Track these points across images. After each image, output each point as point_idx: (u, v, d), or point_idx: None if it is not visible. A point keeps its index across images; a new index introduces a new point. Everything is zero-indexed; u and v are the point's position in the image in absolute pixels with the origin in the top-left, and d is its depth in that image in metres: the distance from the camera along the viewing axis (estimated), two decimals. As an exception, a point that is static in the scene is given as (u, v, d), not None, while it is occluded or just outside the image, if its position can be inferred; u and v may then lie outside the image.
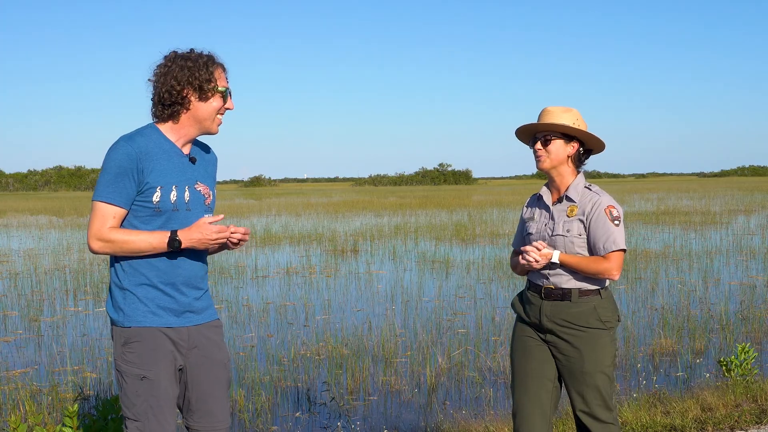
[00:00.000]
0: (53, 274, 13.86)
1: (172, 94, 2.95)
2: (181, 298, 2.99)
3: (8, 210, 39.96)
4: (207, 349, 3.06)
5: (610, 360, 3.39)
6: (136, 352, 2.92)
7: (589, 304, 3.36)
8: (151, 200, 2.92)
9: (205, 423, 3.09)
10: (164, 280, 2.95)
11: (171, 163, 2.97)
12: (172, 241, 2.90)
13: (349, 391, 6.43)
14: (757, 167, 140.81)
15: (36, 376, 6.90)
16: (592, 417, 3.38)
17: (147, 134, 2.97)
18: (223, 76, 3.05)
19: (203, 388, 3.07)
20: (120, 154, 2.89)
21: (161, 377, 2.93)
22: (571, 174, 3.46)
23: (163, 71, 2.97)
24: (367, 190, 75.95)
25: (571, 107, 3.44)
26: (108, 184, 2.90)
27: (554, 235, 3.39)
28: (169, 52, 3.02)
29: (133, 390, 2.92)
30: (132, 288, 2.94)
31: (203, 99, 2.98)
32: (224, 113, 3.08)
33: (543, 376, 3.44)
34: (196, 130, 3.04)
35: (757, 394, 5.59)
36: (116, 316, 2.96)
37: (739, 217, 26.17)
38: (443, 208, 35.79)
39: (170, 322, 2.96)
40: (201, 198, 3.05)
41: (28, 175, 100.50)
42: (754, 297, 10.21)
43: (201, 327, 3.05)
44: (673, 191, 54.86)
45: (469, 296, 10.81)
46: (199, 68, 2.96)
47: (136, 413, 2.93)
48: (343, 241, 19.19)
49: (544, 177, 3.62)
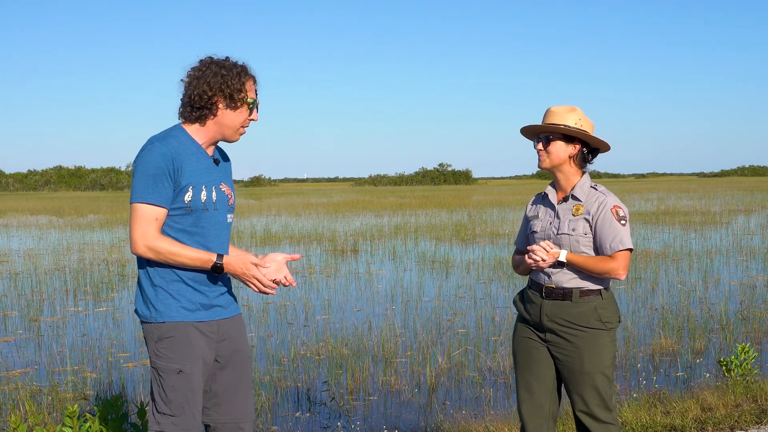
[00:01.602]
0: (53, 274, 13.86)
1: (203, 99, 3.01)
2: (210, 293, 3.07)
3: (8, 210, 39.94)
4: (235, 341, 3.16)
5: (610, 361, 3.39)
6: (171, 347, 2.99)
7: (589, 304, 3.36)
8: (183, 199, 2.98)
9: (233, 415, 3.15)
10: (194, 278, 3.03)
11: (200, 164, 3.05)
12: (216, 266, 2.99)
13: (349, 391, 6.43)
14: (757, 167, 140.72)
15: (36, 376, 6.90)
16: (591, 417, 3.38)
17: (176, 135, 3.03)
18: (253, 88, 3.11)
19: (233, 381, 3.15)
20: (156, 156, 2.93)
21: (195, 371, 3.01)
22: (576, 174, 3.46)
23: (197, 74, 3.03)
24: (367, 190, 75.93)
25: (575, 106, 3.45)
26: (147, 185, 2.93)
27: (559, 234, 3.40)
28: (205, 57, 3.08)
29: (170, 384, 2.99)
30: (164, 285, 3.00)
31: (231, 108, 3.05)
32: (248, 125, 3.14)
33: (545, 377, 3.47)
34: (220, 135, 3.10)
35: (757, 394, 5.59)
36: (148, 312, 3.02)
37: (739, 217, 26.16)
38: (443, 208, 35.78)
39: (201, 317, 3.04)
40: (225, 198, 3.14)
41: (28, 175, 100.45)
42: (754, 297, 10.21)
43: (228, 320, 3.15)
44: (673, 191, 54.83)
45: (469, 296, 10.81)
46: (232, 77, 3.02)
47: (173, 408, 2.99)
48: (343, 241, 19.19)
49: (543, 177, 3.65)
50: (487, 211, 31.41)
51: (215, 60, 3.06)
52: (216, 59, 3.07)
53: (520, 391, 3.54)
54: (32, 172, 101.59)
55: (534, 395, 3.49)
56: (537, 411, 3.49)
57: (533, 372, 3.48)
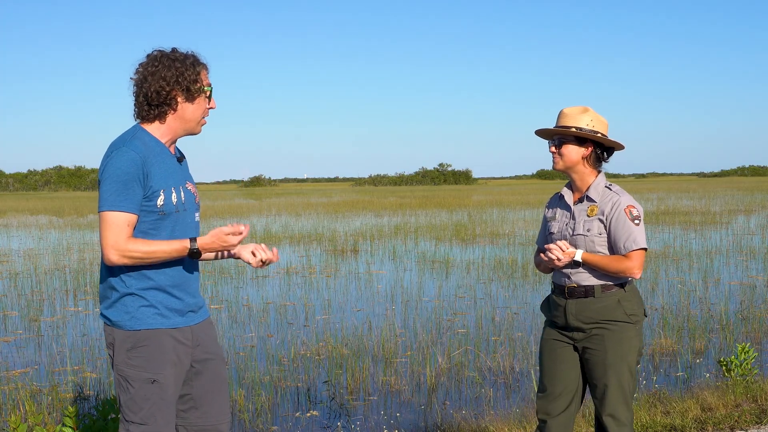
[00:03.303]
0: (53, 274, 13.86)
1: (161, 95, 2.91)
2: (187, 298, 3.02)
3: (8, 210, 39.96)
4: (208, 345, 3.11)
5: (635, 355, 3.43)
6: (143, 356, 2.90)
7: (612, 298, 3.40)
8: (156, 204, 2.89)
9: (211, 418, 3.11)
10: (172, 283, 2.96)
11: (166, 165, 2.95)
12: (193, 251, 2.91)
13: (349, 391, 6.43)
14: (757, 167, 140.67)
15: (36, 376, 6.90)
16: (612, 418, 3.41)
17: (141, 137, 2.92)
18: (206, 76, 3.03)
19: (208, 385, 3.10)
20: (125, 161, 2.83)
21: (169, 380, 2.94)
22: (591, 174, 3.50)
23: (149, 70, 2.92)
24: (367, 190, 75.95)
25: (587, 107, 3.48)
26: (117, 192, 2.82)
27: (575, 235, 3.45)
28: (153, 51, 2.97)
29: (142, 394, 2.90)
30: (140, 292, 2.91)
31: (190, 100, 2.97)
32: (208, 114, 3.07)
33: (568, 377, 3.50)
34: (182, 131, 3.02)
35: (757, 394, 5.59)
36: (120, 319, 2.92)
37: (739, 217, 26.17)
38: (443, 208, 35.79)
39: (177, 323, 2.97)
40: (192, 197, 3.06)
41: (28, 175, 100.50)
42: (754, 297, 10.21)
43: (200, 325, 3.10)
44: (673, 191, 54.85)
45: (469, 296, 10.81)
46: (186, 68, 2.94)
47: (144, 417, 2.91)
48: (343, 241, 19.19)
49: (544, 177, 3.68)
50: (487, 211, 31.42)
51: (165, 53, 2.95)
52: (166, 52, 2.96)
53: (542, 388, 3.57)
54: (32, 172, 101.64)
55: (555, 394, 3.52)
56: (556, 410, 3.52)
57: (557, 371, 3.52)
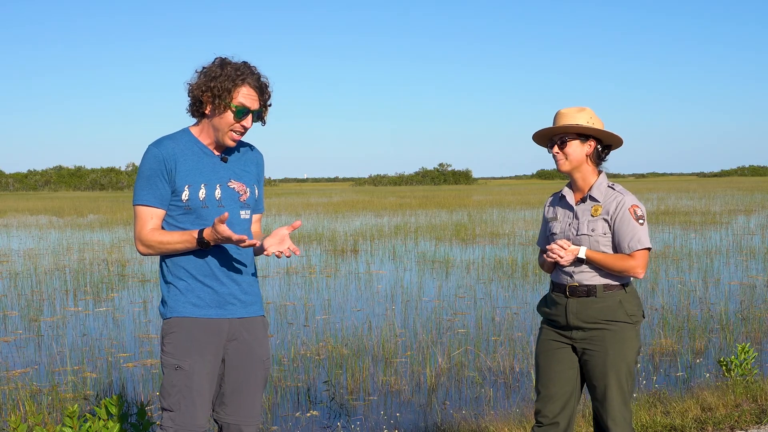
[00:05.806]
0: (53, 274, 13.86)
1: (195, 97, 3.04)
2: (221, 288, 3.07)
3: (8, 210, 39.94)
4: (247, 343, 3.13)
5: (634, 355, 3.42)
6: (172, 342, 3.02)
7: (614, 298, 3.39)
8: (181, 198, 3.02)
9: (236, 417, 3.13)
10: (202, 272, 3.05)
11: (200, 163, 3.06)
12: (201, 241, 2.99)
13: (349, 391, 6.43)
14: (757, 167, 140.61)
15: (36, 376, 6.90)
16: (611, 417, 3.40)
17: (176, 138, 3.08)
18: (246, 94, 3.01)
19: (238, 382, 3.12)
20: (148, 159, 3.01)
21: (195, 368, 2.99)
22: (593, 173, 3.49)
23: (200, 72, 3.04)
24: (367, 190, 75.93)
25: (584, 106, 3.47)
26: (142, 187, 3.02)
27: (579, 235, 3.43)
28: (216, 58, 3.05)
29: (170, 380, 3.01)
30: (174, 281, 3.06)
31: (216, 111, 3.02)
32: (241, 130, 3.07)
33: (565, 377, 3.49)
34: (214, 136, 3.08)
35: (757, 394, 5.59)
36: (162, 308, 3.09)
37: (739, 217, 26.17)
38: (443, 208, 35.78)
39: (210, 314, 3.04)
40: (235, 195, 3.13)
41: (28, 175, 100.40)
42: (754, 297, 10.21)
43: (244, 321, 3.13)
44: (673, 191, 54.84)
45: (469, 296, 10.81)
46: (223, 79, 2.98)
47: (171, 403, 3.01)
48: (343, 241, 19.19)
49: (543, 177, 3.68)
50: (487, 211, 31.42)
51: (222, 61, 3.03)
52: (224, 60, 3.03)
53: (538, 390, 3.55)
54: (32, 172, 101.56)
55: (550, 396, 3.50)
56: (552, 413, 3.49)
57: (553, 372, 3.49)
